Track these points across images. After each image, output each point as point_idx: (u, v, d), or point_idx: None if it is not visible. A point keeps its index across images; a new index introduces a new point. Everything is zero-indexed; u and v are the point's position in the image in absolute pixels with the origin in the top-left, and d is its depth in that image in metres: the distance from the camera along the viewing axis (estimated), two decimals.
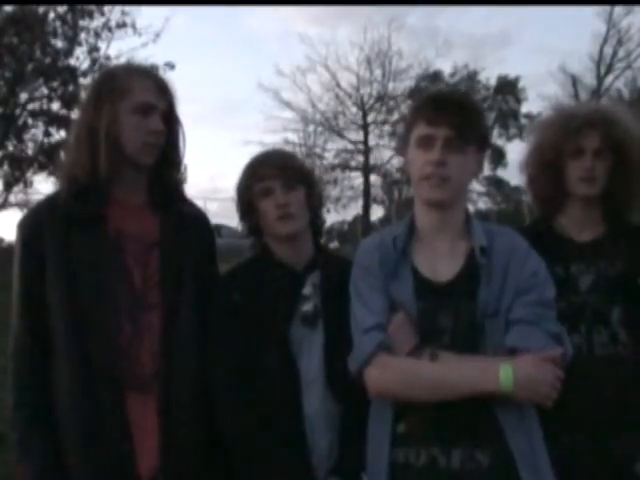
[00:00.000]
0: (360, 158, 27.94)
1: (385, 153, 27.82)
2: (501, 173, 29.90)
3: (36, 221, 1.76)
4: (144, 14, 14.97)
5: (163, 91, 1.82)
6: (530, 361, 1.51)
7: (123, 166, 1.79)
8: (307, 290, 1.84)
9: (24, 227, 1.77)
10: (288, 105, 26.99)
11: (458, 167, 1.63)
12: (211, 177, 55.16)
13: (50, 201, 1.82)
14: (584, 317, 1.93)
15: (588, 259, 2.00)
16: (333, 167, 27.42)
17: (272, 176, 1.85)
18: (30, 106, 14.04)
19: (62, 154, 1.87)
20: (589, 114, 2.07)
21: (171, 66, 13.86)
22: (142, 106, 1.76)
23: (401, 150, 1.77)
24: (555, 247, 1.99)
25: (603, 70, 26.48)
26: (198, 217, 1.98)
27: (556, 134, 2.08)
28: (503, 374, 1.48)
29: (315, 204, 1.96)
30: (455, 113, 1.62)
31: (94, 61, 13.95)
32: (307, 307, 1.82)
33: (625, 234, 2.07)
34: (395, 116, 26.76)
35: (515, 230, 1.79)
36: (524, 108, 30.08)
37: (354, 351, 1.64)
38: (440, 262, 1.66)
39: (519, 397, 1.50)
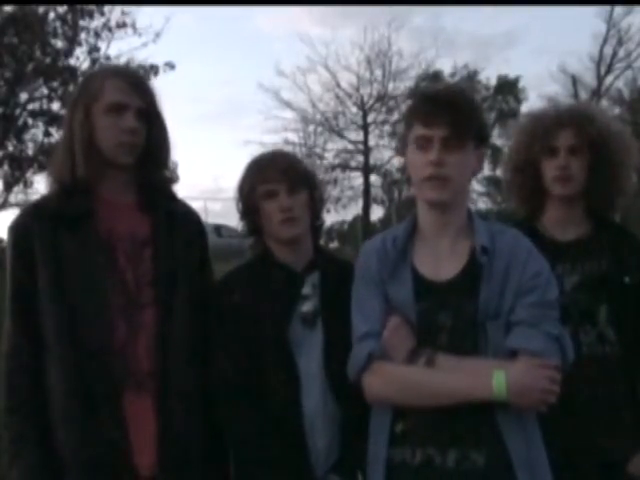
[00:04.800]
0: (360, 158, 27.92)
1: (385, 153, 27.82)
2: (501, 173, 29.86)
3: (26, 222, 1.77)
4: (144, 14, 14.98)
5: (138, 89, 1.81)
6: (524, 367, 1.50)
7: (105, 167, 1.79)
8: (306, 290, 1.84)
9: (14, 229, 1.78)
10: (288, 105, 27.04)
11: (457, 166, 1.62)
12: (214, 178, 55.15)
13: (39, 202, 1.84)
14: (571, 317, 1.91)
15: (573, 259, 1.99)
16: (333, 167, 27.38)
17: (277, 179, 1.85)
18: (30, 106, 14.03)
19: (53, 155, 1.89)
20: (559, 113, 2.08)
21: (171, 66, 13.87)
22: (113, 106, 1.76)
23: (401, 151, 1.75)
24: (539, 248, 1.97)
25: (603, 70, 26.45)
26: (189, 215, 1.97)
27: (527, 136, 2.10)
28: (496, 382, 1.48)
29: (316, 207, 1.96)
30: (450, 112, 1.60)
31: (94, 61, 13.93)
32: (306, 307, 1.83)
33: (609, 233, 2.06)
34: (395, 116, 26.68)
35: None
36: (524, 108, 30.12)
37: (350, 359, 1.65)
38: (442, 261, 1.66)
39: (513, 403, 1.50)
